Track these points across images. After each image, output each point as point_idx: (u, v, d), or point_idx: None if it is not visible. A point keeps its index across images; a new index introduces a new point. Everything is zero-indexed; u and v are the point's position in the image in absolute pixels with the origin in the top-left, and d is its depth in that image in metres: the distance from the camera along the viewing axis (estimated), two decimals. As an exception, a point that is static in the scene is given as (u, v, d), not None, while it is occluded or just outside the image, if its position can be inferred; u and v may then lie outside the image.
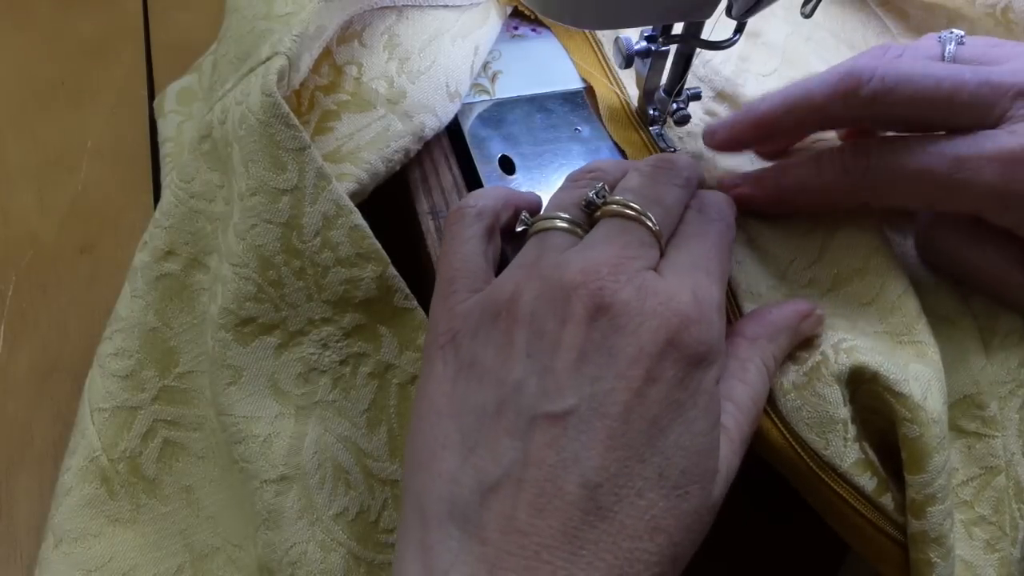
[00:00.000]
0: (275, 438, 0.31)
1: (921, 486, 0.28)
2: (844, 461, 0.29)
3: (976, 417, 0.31)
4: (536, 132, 0.39)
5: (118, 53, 0.55)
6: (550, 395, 0.25)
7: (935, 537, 0.28)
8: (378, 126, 0.35)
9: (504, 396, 0.25)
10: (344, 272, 0.32)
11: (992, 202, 0.30)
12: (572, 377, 0.25)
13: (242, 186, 0.31)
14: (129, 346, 0.34)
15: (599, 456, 0.24)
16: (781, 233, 0.34)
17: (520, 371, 0.25)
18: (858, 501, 0.29)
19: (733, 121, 0.36)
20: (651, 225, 0.28)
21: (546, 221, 0.29)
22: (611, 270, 0.26)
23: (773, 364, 0.29)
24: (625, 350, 0.25)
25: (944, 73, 0.31)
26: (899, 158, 0.30)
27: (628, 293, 0.25)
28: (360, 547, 0.31)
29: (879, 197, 0.32)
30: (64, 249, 0.45)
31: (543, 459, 0.24)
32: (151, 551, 0.33)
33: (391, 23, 0.38)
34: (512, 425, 0.25)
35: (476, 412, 0.26)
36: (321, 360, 0.32)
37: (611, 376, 0.24)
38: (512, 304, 0.26)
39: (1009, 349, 0.32)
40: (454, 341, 0.27)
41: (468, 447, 0.25)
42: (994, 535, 0.30)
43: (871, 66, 0.31)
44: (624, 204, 0.28)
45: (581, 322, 0.25)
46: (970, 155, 0.29)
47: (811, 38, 0.46)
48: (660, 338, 0.25)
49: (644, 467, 0.24)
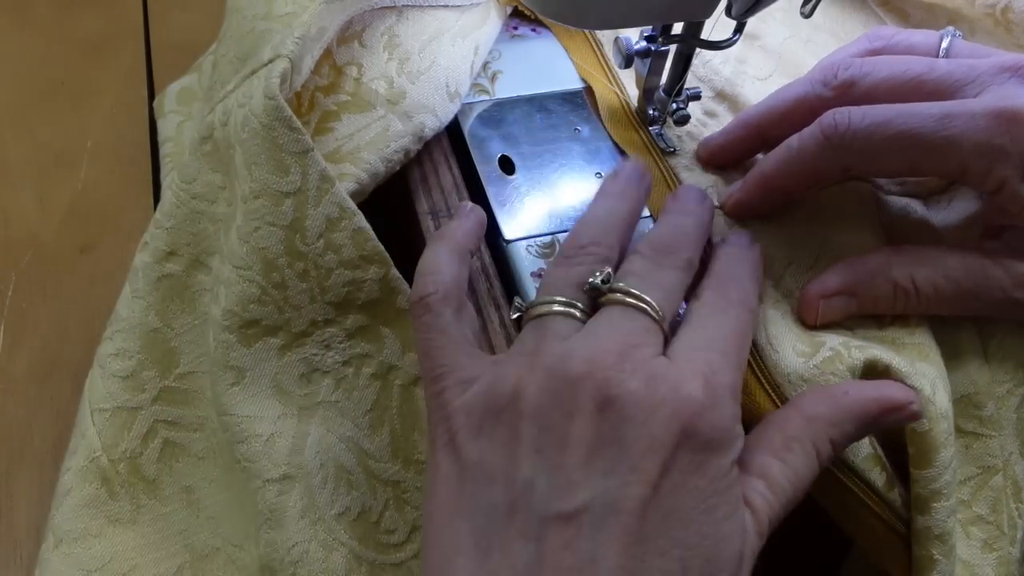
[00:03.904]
0: (277, 438, 0.31)
1: (927, 481, 0.28)
2: (857, 455, 0.28)
3: (974, 417, 0.31)
4: (536, 132, 0.39)
5: (118, 53, 0.55)
6: (561, 493, 0.23)
7: (939, 534, 0.28)
8: (378, 126, 0.35)
9: (514, 496, 0.24)
10: (347, 274, 0.32)
11: (977, 160, 0.29)
12: (583, 473, 0.24)
13: (245, 189, 0.31)
14: (130, 346, 0.34)
15: (616, 555, 0.23)
16: (778, 236, 0.34)
17: (529, 469, 0.24)
18: (869, 496, 0.28)
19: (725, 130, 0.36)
20: (654, 315, 0.27)
21: (543, 306, 0.28)
22: (616, 359, 0.25)
23: (828, 450, 0.27)
24: (637, 442, 0.24)
25: (917, 59, 0.32)
26: (882, 118, 0.30)
27: (636, 383, 0.24)
28: (362, 547, 0.31)
29: (862, 162, 0.31)
30: (64, 249, 0.45)
31: (559, 562, 0.23)
32: (151, 551, 0.33)
33: (391, 23, 0.38)
34: (525, 527, 0.24)
35: (487, 513, 0.25)
36: (324, 361, 0.32)
37: (624, 470, 0.23)
38: (516, 399, 0.25)
39: (1007, 349, 0.32)
40: (455, 440, 0.26)
41: (482, 551, 0.24)
42: (992, 534, 0.30)
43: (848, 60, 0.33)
44: (626, 292, 0.27)
45: (589, 415, 0.24)
46: (957, 112, 0.29)
47: (810, 40, 0.46)
48: (673, 428, 0.24)
49: (664, 560, 0.23)
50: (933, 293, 0.31)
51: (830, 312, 0.31)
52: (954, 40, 0.34)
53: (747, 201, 0.34)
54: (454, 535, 0.25)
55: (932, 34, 0.35)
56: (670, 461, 0.23)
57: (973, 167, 0.29)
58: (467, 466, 0.26)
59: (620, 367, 0.24)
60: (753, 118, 0.36)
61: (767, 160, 0.33)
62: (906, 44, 0.35)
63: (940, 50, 0.34)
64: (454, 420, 0.26)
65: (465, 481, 0.25)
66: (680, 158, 0.37)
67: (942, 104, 0.29)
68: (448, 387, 0.27)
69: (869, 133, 0.30)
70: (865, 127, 0.30)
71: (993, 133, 0.28)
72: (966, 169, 0.29)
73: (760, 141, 0.36)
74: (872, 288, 0.31)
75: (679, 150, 0.38)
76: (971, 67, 0.31)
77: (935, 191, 0.37)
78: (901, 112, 0.30)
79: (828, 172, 0.32)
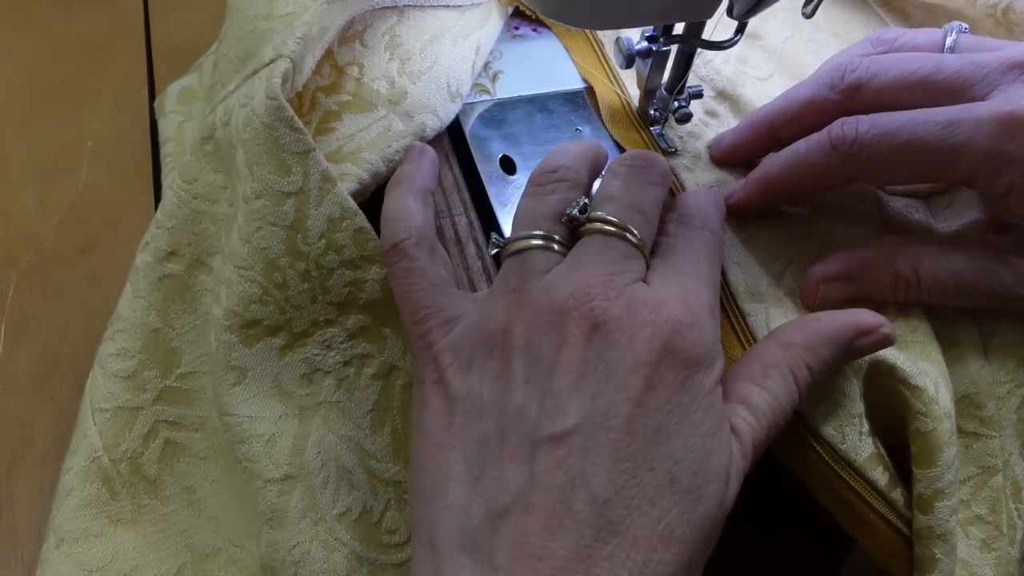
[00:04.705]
0: (279, 438, 0.31)
1: (930, 481, 0.28)
2: (859, 455, 0.29)
3: (974, 417, 0.31)
4: (537, 132, 0.39)
5: (118, 53, 0.55)
6: (551, 417, 0.24)
7: (941, 533, 0.28)
8: (379, 126, 0.35)
9: (506, 424, 0.25)
10: (349, 274, 0.32)
11: (985, 166, 0.29)
12: (572, 397, 0.25)
13: (247, 189, 0.31)
14: (131, 346, 0.34)
15: (606, 471, 0.23)
16: (779, 236, 0.34)
17: (520, 398, 0.25)
18: (872, 496, 0.29)
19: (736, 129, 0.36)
20: (634, 240, 0.27)
21: (521, 241, 0.28)
22: (601, 289, 0.26)
23: (806, 375, 0.28)
24: (622, 363, 0.25)
25: (925, 57, 0.32)
26: (888, 128, 0.30)
27: (619, 308, 0.25)
28: (363, 547, 0.31)
29: (869, 171, 0.31)
30: (64, 249, 0.45)
31: (550, 481, 0.24)
32: (152, 551, 0.33)
33: (392, 23, 0.38)
34: (516, 451, 0.25)
35: (479, 442, 0.26)
36: (325, 361, 0.32)
37: (610, 390, 0.24)
38: (506, 335, 0.26)
39: (1008, 349, 0.33)
40: (444, 377, 0.27)
41: (474, 476, 0.25)
42: (991, 534, 0.30)
43: (856, 61, 0.32)
44: (605, 220, 0.28)
45: (577, 343, 0.25)
46: (963, 118, 0.29)
47: (812, 40, 0.46)
48: (655, 346, 0.25)
49: (654, 475, 0.24)
50: (935, 285, 0.31)
51: (829, 294, 0.32)
52: (960, 36, 0.34)
53: (749, 201, 0.34)
54: (445, 463, 0.26)
55: (936, 32, 0.35)
56: (654, 378, 0.25)
57: (981, 173, 0.29)
58: (456, 400, 0.26)
59: (605, 295, 0.26)
60: (764, 119, 0.36)
61: (773, 163, 0.33)
62: (911, 45, 0.35)
63: (945, 47, 0.34)
64: (442, 358, 0.27)
65: (455, 415, 0.26)
66: (681, 158, 0.37)
67: (948, 110, 0.29)
68: (433, 327, 0.28)
69: (876, 143, 0.30)
70: (871, 138, 0.30)
71: (999, 139, 0.28)
72: (974, 175, 0.29)
73: (770, 141, 0.36)
74: (874, 275, 0.31)
75: (680, 150, 0.38)
76: (980, 65, 0.30)
77: (936, 191, 0.37)
78: (907, 121, 0.30)
79: (834, 179, 0.32)
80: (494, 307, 0.27)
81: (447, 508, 0.25)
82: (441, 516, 0.25)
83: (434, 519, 0.25)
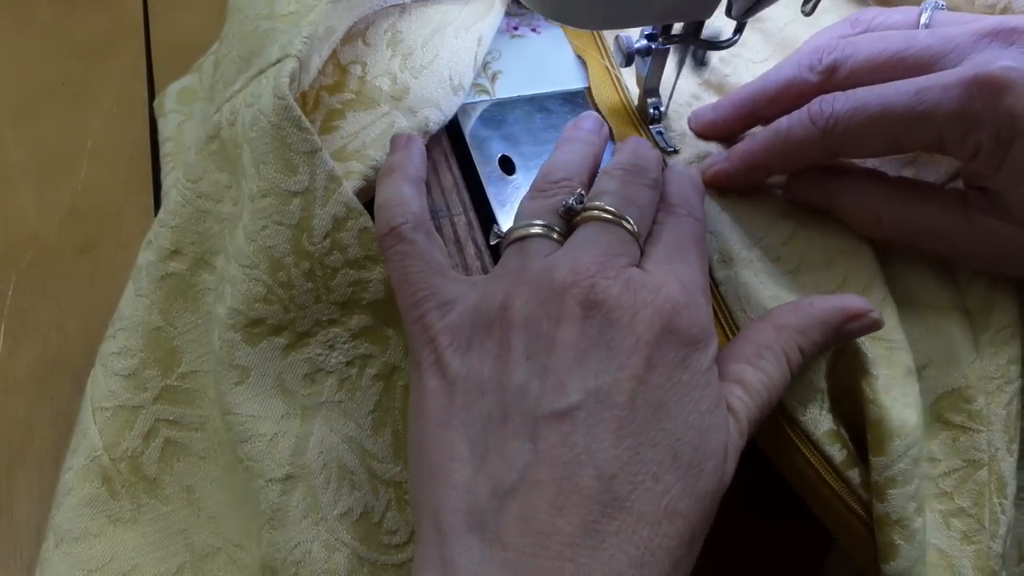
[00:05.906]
0: (281, 437, 0.31)
1: (882, 468, 0.28)
2: (818, 429, 0.29)
3: (963, 411, 0.32)
4: (536, 132, 0.39)
5: (118, 53, 0.55)
6: (554, 394, 0.25)
7: (897, 519, 0.28)
8: (383, 123, 0.35)
9: (508, 401, 0.25)
10: (352, 274, 0.32)
11: (953, 128, 0.30)
12: (574, 373, 0.25)
13: (253, 188, 0.31)
14: (132, 345, 0.34)
15: (611, 446, 0.24)
16: (755, 211, 0.35)
17: (521, 375, 0.25)
18: (826, 471, 0.29)
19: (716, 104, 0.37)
20: (629, 226, 0.28)
21: (521, 229, 0.29)
22: (599, 268, 0.26)
23: (798, 356, 0.29)
24: (623, 341, 0.25)
25: (897, 35, 0.33)
26: (862, 101, 0.31)
27: (618, 288, 0.26)
28: (364, 547, 0.31)
29: (846, 144, 0.32)
30: (64, 249, 0.45)
31: (556, 457, 0.24)
32: (152, 551, 0.33)
33: (394, 20, 0.38)
34: (520, 428, 0.25)
35: (482, 421, 0.26)
36: (327, 361, 0.32)
37: (613, 368, 0.25)
38: (504, 312, 0.27)
39: (999, 345, 0.33)
40: (442, 359, 0.27)
41: (479, 456, 0.25)
42: (972, 527, 0.31)
43: (833, 43, 0.34)
44: (602, 208, 0.29)
45: (576, 320, 0.25)
46: (930, 86, 0.30)
47: (814, 25, 0.46)
48: (656, 325, 0.25)
49: (656, 451, 0.24)
50: (898, 226, 0.32)
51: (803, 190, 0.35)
52: (935, 12, 0.35)
53: (731, 175, 0.35)
54: (448, 444, 0.26)
55: (912, 10, 0.36)
56: (655, 357, 0.25)
57: (949, 137, 0.30)
58: (456, 381, 0.27)
59: (604, 274, 0.26)
60: (745, 99, 0.37)
61: (755, 138, 0.34)
62: (886, 24, 0.36)
63: (920, 24, 0.35)
64: (439, 340, 0.28)
65: (455, 395, 0.27)
66: (681, 158, 0.37)
67: (916, 80, 0.30)
68: (430, 310, 0.28)
69: (850, 116, 0.31)
70: (846, 111, 0.31)
71: (965, 101, 0.29)
72: (943, 140, 0.30)
73: (751, 120, 0.37)
74: (841, 200, 0.33)
75: (681, 150, 0.38)
76: (949, 38, 0.31)
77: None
78: (880, 94, 0.31)
79: (814, 155, 0.33)
80: (493, 288, 0.28)
81: (452, 489, 0.25)
82: (446, 497, 0.25)
83: (439, 501, 0.25)
